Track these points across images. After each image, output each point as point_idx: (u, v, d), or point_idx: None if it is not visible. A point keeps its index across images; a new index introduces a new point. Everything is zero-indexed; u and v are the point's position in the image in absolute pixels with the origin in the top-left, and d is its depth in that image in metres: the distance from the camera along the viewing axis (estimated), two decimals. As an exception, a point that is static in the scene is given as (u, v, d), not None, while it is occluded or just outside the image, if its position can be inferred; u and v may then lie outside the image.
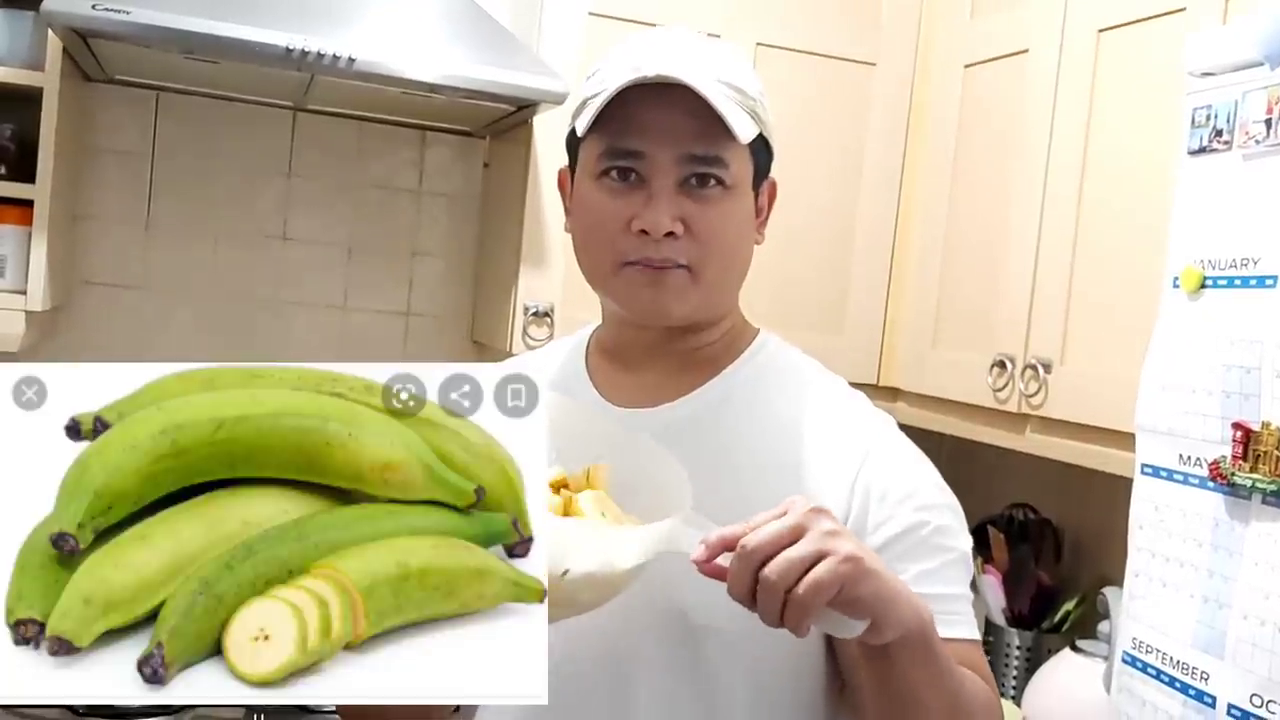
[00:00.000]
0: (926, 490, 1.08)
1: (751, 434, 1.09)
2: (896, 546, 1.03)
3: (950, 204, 2.02)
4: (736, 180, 1.06)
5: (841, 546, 0.84)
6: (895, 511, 1.04)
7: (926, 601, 0.95)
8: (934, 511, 1.06)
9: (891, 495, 1.05)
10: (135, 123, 2.13)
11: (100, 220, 2.13)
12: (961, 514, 1.09)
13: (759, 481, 1.05)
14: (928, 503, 1.06)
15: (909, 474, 1.08)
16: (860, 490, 1.05)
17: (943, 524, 1.06)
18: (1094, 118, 1.69)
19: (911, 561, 1.02)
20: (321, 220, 2.24)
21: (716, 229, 1.05)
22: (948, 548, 1.05)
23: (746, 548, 0.84)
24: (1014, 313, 1.81)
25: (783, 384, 1.13)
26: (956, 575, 1.05)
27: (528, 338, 1.97)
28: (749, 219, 1.09)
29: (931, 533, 1.04)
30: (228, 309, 2.20)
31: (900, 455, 1.09)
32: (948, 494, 1.09)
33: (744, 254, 1.10)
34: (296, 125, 2.22)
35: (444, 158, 2.30)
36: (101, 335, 2.14)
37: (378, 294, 2.28)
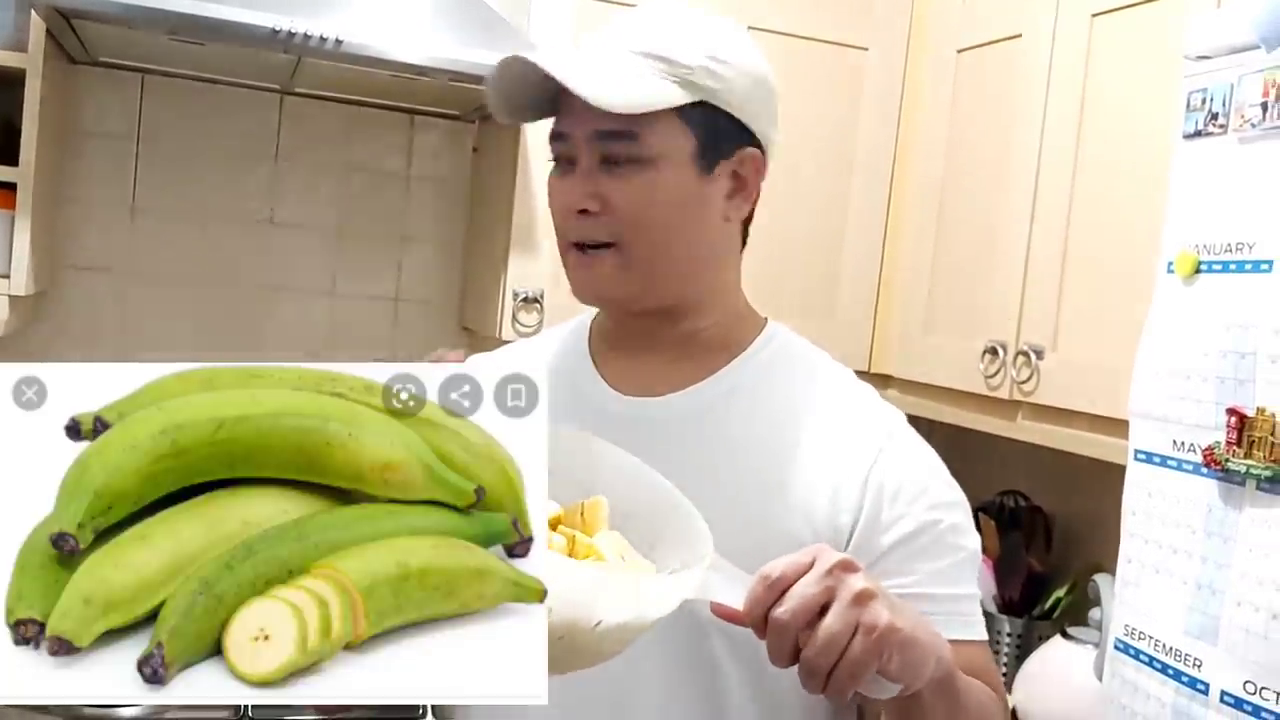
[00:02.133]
0: (938, 488, 1.06)
1: (762, 426, 1.07)
2: (909, 545, 1.02)
3: (942, 190, 2.02)
4: (658, 153, 1.01)
5: (879, 617, 0.81)
6: (908, 510, 1.03)
7: (937, 603, 1.00)
8: (946, 510, 1.05)
9: (905, 493, 1.03)
10: (120, 105, 2.11)
11: (84, 204, 2.11)
12: (969, 510, 1.09)
13: (769, 476, 1.04)
14: (940, 500, 1.05)
15: (922, 471, 1.06)
16: (873, 487, 1.03)
17: (954, 522, 1.05)
18: (1087, 102, 1.69)
19: (924, 561, 1.02)
20: (309, 204, 2.22)
21: (635, 203, 1.02)
22: (959, 546, 1.04)
23: (779, 621, 0.81)
24: (1006, 299, 1.81)
25: (793, 376, 1.11)
26: (967, 575, 1.05)
27: (517, 323, 1.96)
28: (687, 193, 1.03)
29: (944, 531, 1.04)
30: (214, 294, 2.18)
31: (913, 452, 1.08)
32: (957, 491, 1.08)
33: (684, 231, 1.04)
34: (283, 109, 2.20)
35: (432, 142, 2.29)
36: (86, 320, 2.12)
37: (366, 279, 2.27)
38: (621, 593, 0.81)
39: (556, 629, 0.78)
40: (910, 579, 1.01)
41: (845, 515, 1.02)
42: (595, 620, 0.79)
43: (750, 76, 1.04)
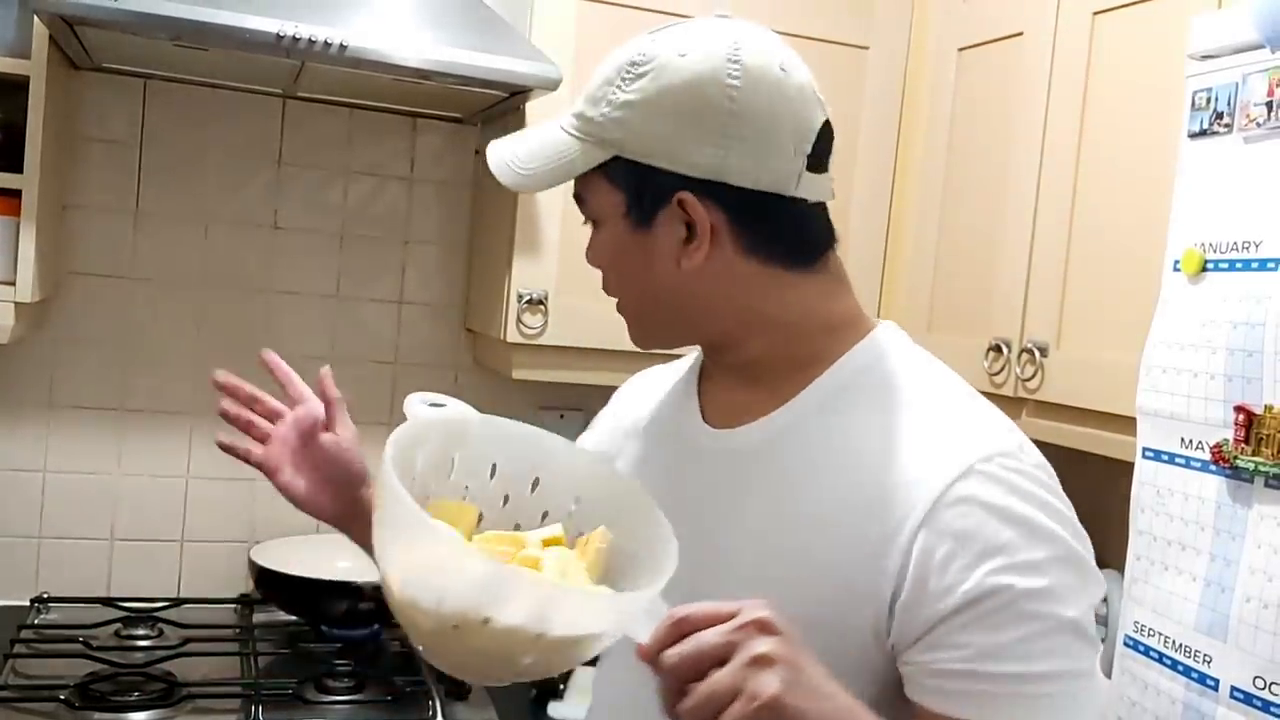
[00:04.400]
0: (1018, 544, 0.89)
1: (812, 469, 0.98)
2: (962, 615, 0.89)
3: (945, 188, 2.02)
4: (599, 213, 1.02)
5: (763, 686, 0.77)
6: (967, 574, 0.88)
7: (991, 682, 0.88)
8: (1025, 572, 0.88)
9: (964, 553, 0.89)
10: (123, 111, 2.11)
11: (88, 210, 2.11)
12: (1081, 562, 0.92)
13: (806, 534, 0.96)
14: (1016, 561, 0.89)
15: (994, 524, 0.89)
16: (922, 548, 0.90)
17: (1034, 587, 0.88)
18: (1089, 101, 1.69)
19: (978, 633, 0.88)
20: (312, 208, 2.22)
21: (597, 262, 1.05)
22: (1037, 615, 0.88)
23: (667, 662, 0.79)
24: (1010, 297, 1.82)
25: (859, 405, 0.99)
26: (1046, 649, 0.89)
27: (522, 325, 1.96)
28: (627, 249, 1.00)
29: (1014, 598, 0.88)
30: (218, 298, 2.18)
31: (988, 498, 0.90)
32: (1059, 545, 0.90)
33: (641, 281, 1.02)
34: (286, 113, 2.20)
35: (435, 145, 2.29)
36: (91, 326, 2.12)
37: (370, 282, 2.27)
38: (510, 593, 0.80)
39: (449, 617, 0.81)
40: (959, 653, 0.89)
41: (886, 580, 0.91)
42: (483, 616, 0.80)
43: (662, 106, 0.96)
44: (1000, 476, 0.91)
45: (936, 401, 0.98)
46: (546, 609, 0.81)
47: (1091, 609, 0.91)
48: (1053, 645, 0.88)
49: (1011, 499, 0.90)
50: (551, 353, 2.00)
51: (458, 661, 0.89)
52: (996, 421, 0.97)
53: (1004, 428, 0.96)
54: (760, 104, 0.96)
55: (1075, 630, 0.89)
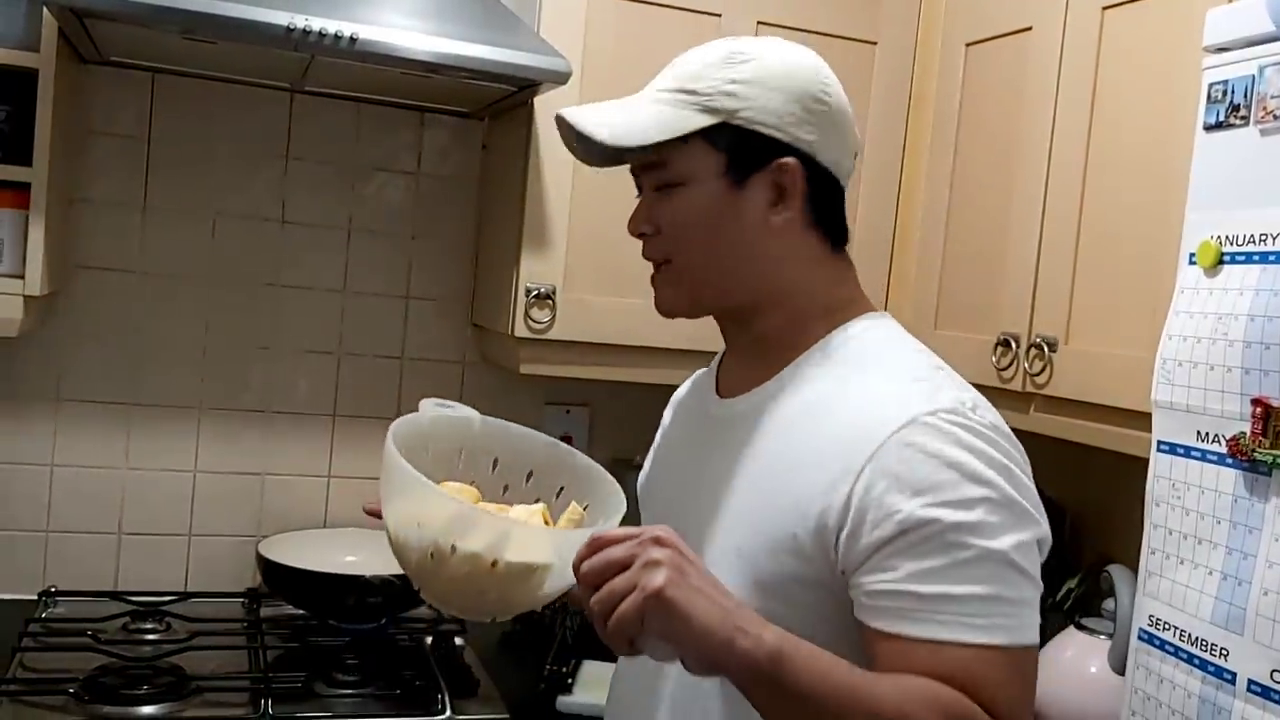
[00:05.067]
0: (951, 484, 1.01)
1: (783, 429, 1.14)
2: (896, 543, 1.01)
3: (953, 183, 2.02)
4: (688, 175, 1.14)
5: (651, 580, 0.92)
6: (901, 506, 1.01)
7: (921, 601, 1.00)
8: (955, 508, 1.00)
9: (896, 494, 1.01)
10: (131, 105, 2.11)
11: (96, 204, 2.10)
12: (1016, 506, 1.03)
13: (776, 479, 1.11)
14: (948, 498, 1.01)
15: (929, 466, 1.02)
16: (864, 485, 1.03)
17: (961, 520, 1.00)
18: (1099, 95, 1.69)
19: (909, 558, 1.01)
20: (319, 203, 2.22)
21: (672, 222, 1.16)
22: (963, 545, 1.00)
23: (581, 571, 0.95)
24: (1018, 292, 1.81)
25: (830, 375, 1.14)
26: (971, 575, 1.00)
27: (530, 320, 1.96)
28: (721, 206, 1.14)
29: (944, 529, 1.00)
30: (226, 293, 2.18)
31: (926, 445, 1.02)
32: (987, 488, 1.02)
33: (720, 239, 1.15)
34: (294, 107, 2.20)
35: (441, 139, 2.28)
36: (98, 320, 2.12)
37: (377, 277, 2.26)
38: (469, 525, 1.03)
39: (426, 545, 1.04)
40: (891, 575, 1.01)
41: (834, 514, 1.04)
42: (450, 543, 1.02)
43: (781, 92, 1.13)
44: (942, 428, 1.03)
45: (898, 368, 1.13)
46: (499, 539, 1.02)
47: (1025, 547, 1.02)
48: (978, 572, 1.00)
49: (949, 446, 1.02)
50: (559, 347, 2.00)
51: (439, 591, 1.09)
52: (952, 386, 1.10)
53: (958, 392, 1.09)
54: (840, 106, 1.16)
55: (1002, 560, 1.01)
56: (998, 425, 1.08)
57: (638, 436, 2.41)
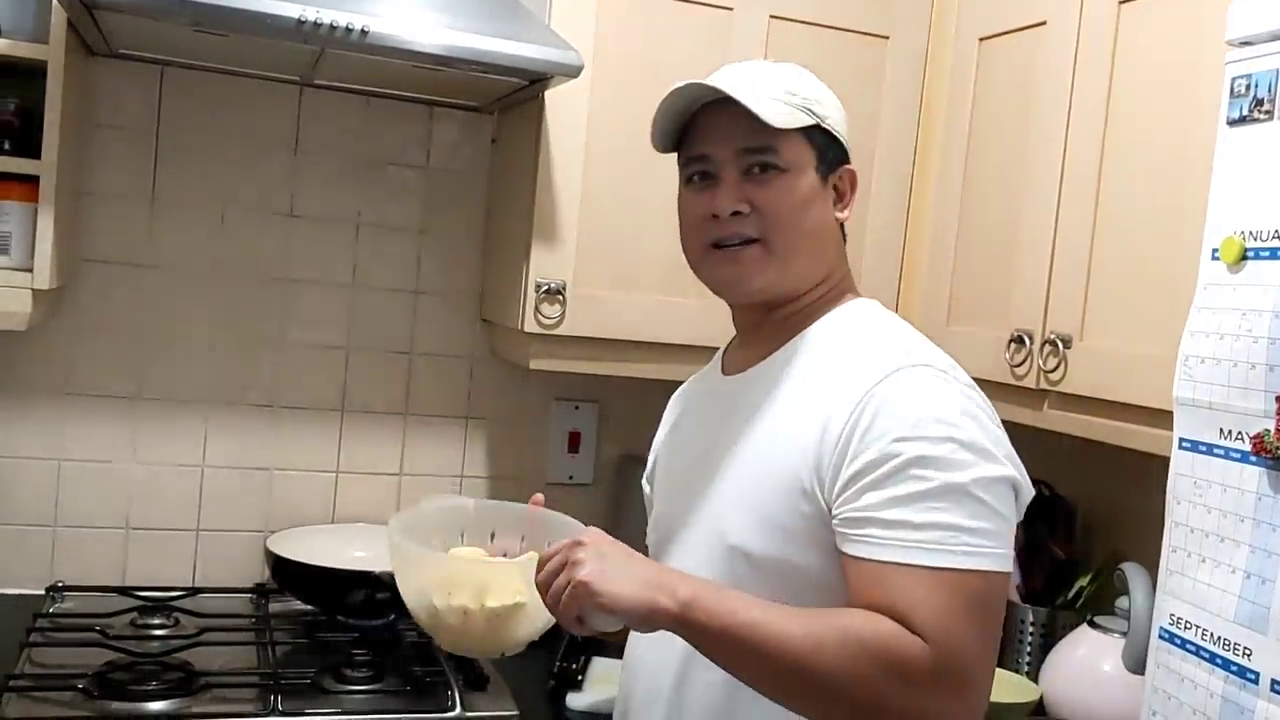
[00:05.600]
0: (921, 423, 1.13)
1: (784, 390, 1.28)
2: (866, 475, 1.13)
3: (965, 178, 2.01)
4: (792, 163, 1.28)
5: (576, 574, 1.12)
6: (875, 442, 1.13)
7: (880, 526, 1.11)
8: (921, 443, 1.11)
9: (876, 427, 1.13)
10: (139, 98, 2.10)
11: (104, 197, 2.09)
12: (980, 447, 1.13)
13: (776, 436, 1.24)
14: (916, 434, 1.12)
15: (905, 407, 1.14)
16: (846, 428, 1.15)
17: (925, 454, 1.11)
18: (1115, 89, 1.67)
19: (875, 489, 1.12)
20: (328, 197, 2.21)
21: (777, 202, 1.28)
22: (924, 477, 1.10)
23: (538, 587, 1.18)
24: (1032, 288, 1.80)
25: (832, 344, 1.28)
26: (931, 504, 1.10)
27: (540, 315, 1.95)
28: (814, 196, 1.29)
29: (908, 461, 1.11)
30: (234, 286, 2.17)
31: (904, 391, 1.15)
32: (956, 429, 1.13)
33: (813, 224, 1.30)
34: (303, 101, 2.18)
35: (451, 134, 2.27)
36: (106, 313, 2.11)
37: (385, 271, 2.25)
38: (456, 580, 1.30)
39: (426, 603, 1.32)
40: (860, 503, 1.13)
41: (826, 452, 1.17)
42: (443, 599, 1.30)
43: (838, 110, 1.33)
44: (919, 378, 1.17)
45: (885, 336, 1.27)
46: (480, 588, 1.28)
47: (988, 482, 1.12)
48: (937, 503, 1.10)
49: (925, 391, 1.15)
50: (569, 343, 1.99)
51: (448, 641, 1.36)
52: (934, 351, 1.23)
53: (939, 356, 1.22)
54: None
55: (962, 491, 1.10)
56: (973, 385, 1.21)
57: (648, 433, 2.39)
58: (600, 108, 1.95)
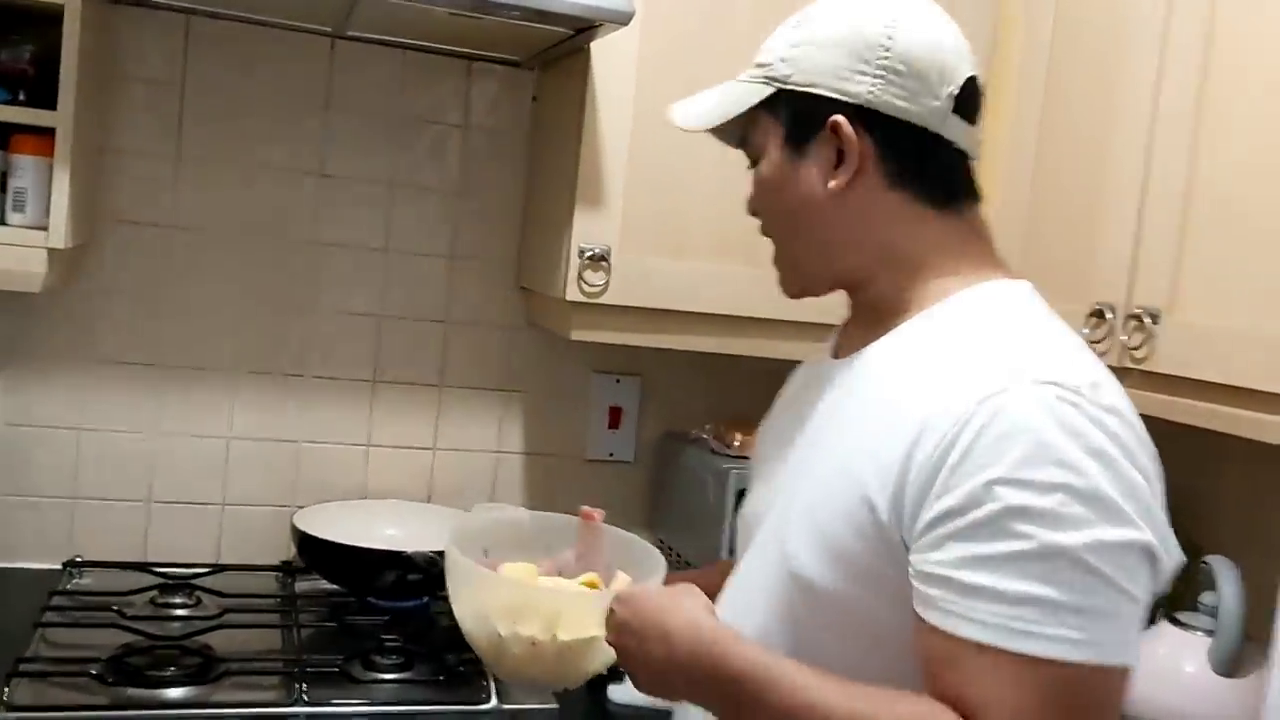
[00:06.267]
0: (1023, 463, 0.90)
1: (869, 391, 1.09)
2: (948, 524, 0.92)
3: (1040, 132, 1.85)
4: (761, 149, 1.15)
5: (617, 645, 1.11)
6: (959, 483, 0.91)
7: (950, 589, 0.91)
8: (1017, 489, 0.89)
9: (966, 466, 0.92)
10: (164, 49, 2.00)
11: (126, 154, 2.00)
12: (1105, 501, 0.90)
13: (854, 444, 1.04)
14: (1012, 476, 0.89)
15: (1001, 442, 0.91)
16: (937, 455, 0.93)
17: (1026, 505, 0.89)
18: (1216, 28, 1.51)
19: (960, 541, 0.91)
20: (361, 156, 2.11)
21: (756, 198, 1.18)
22: (1021, 534, 0.88)
23: None
24: (1115, 257, 1.66)
25: (936, 339, 1.06)
26: (1024, 570, 0.88)
27: (583, 282, 1.84)
28: (784, 176, 1.13)
29: (1003, 512, 0.89)
30: (262, 249, 2.07)
31: (1002, 421, 0.91)
32: (1075, 472, 0.90)
33: (789, 208, 1.13)
34: (335, 54, 2.07)
35: (490, 91, 2.16)
36: (128, 277, 2.01)
37: (421, 235, 2.15)
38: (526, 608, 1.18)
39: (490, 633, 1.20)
40: (939, 556, 0.92)
41: (910, 479, 0.96)
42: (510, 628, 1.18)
43: (826, 41, 1.09)
44: (1043, 398, 0.92)
45: (1013, 334, 1.03)
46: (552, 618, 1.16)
47: (1107, 548, 0.89)
48: (1035, 568, 0.88)
49: (1042, 420, 0.91)
50: (614, 312, 1.88)
51: (509, 671, 1.23)
52: (1074, 361, 0.98)
53: (1080, 368, 0.97)
54: (910, 48, 1.07)
55: (1070, 559, 0.88)
56: (1117, 410, 0.95)
57: (691, 408, 2.32)
58: (650, 61, 1.83)
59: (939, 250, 1.11)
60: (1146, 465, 0.95)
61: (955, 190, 1.12)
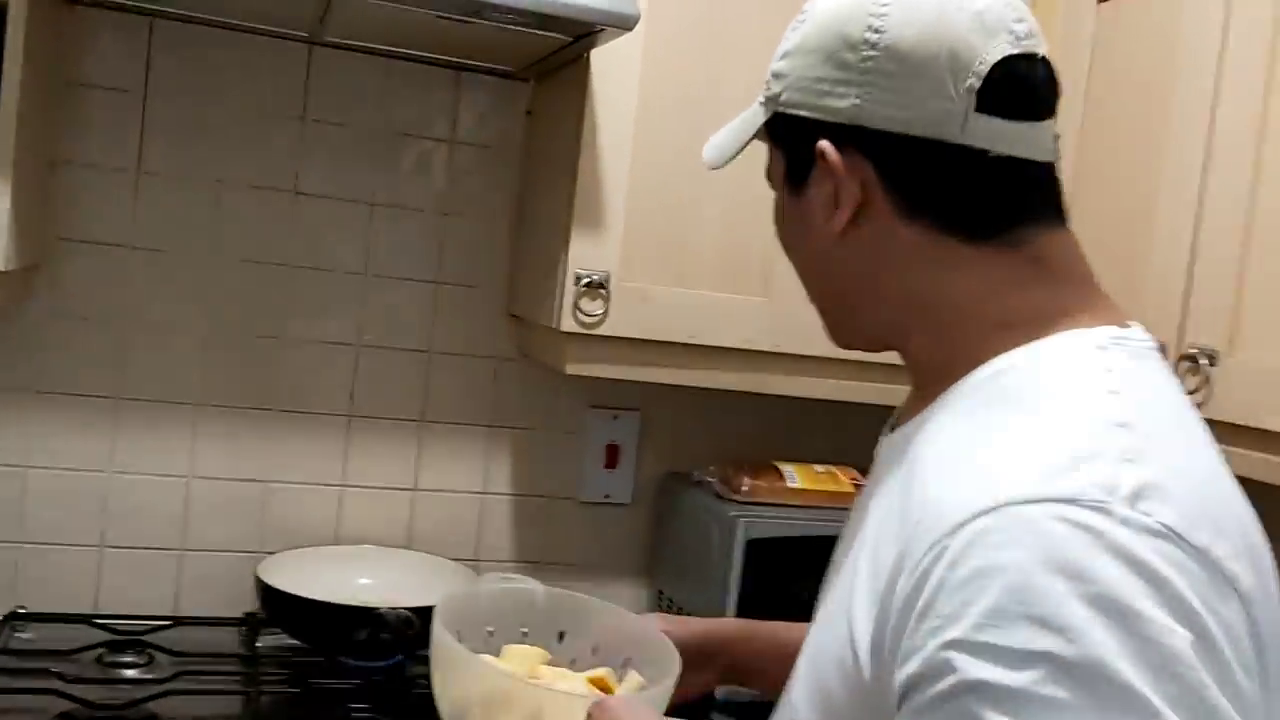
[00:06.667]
0: (1005, 620, 0.66)
1: (886, 500, 0.86)
2: (908, 700, 0.70)
3: (1081, 154, 1.71)
4: (775, 183, 0.98)
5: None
6: (921, 642, 0.70)
7: None
8: (990, 659, 0.65)
9: (930, 617, 0.69)
10: (125, 55, 1.84)
11: (81, 167, 1.84)
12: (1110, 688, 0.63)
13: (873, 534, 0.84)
14: (985, 641, 0.66)
15: (969, 586, 0.68)
16: (905, 602, 0.73)
17: (992, 682, 0.65)
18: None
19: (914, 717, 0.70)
20: (339, 173, 1.96)
21: (781, 241, 1.00)
22: (971, 715, 0.65)
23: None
24: (1166, 292, 1.52)
25: (969, 424, 0.82)
26: None
27: (579, 312, 1.69)
28: (788, 217, 0.96)
29: (958, 690, 0.66)
30: (229, 273, 1.91)
31: (989, 549, 0.68)
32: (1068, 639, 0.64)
33: (800, 255, 0.97)
34: (312, 62, 1.93)
35: (480, 103, 2.01)
36: (83, 302, 1.85)
37: (403, 259, 2.00)
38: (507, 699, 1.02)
39: None
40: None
41: (889, 631, 0.75)
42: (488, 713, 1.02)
43: (809, 47, 0.90)
44: (1040, 525, 0.67)
45: (1048, 419, 0.76)
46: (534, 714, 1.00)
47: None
48: None
49: (1033, 557, 0.66)
50: (612, 345, 1.74)
51: None
52: (1118, 457, 0.71)
53: (1125, 468, 0.70)
54: (910, 33, 0.85)
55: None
56: (1173, 534, 0.68)
57: (695, 448, 2.17)
58: (654, 72, 1.70)
59: (972, 295, 0.86)
60: (1229, 618, 0.68)
61: (994, 211, 0.86)
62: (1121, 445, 0.72)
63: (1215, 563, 0.69)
